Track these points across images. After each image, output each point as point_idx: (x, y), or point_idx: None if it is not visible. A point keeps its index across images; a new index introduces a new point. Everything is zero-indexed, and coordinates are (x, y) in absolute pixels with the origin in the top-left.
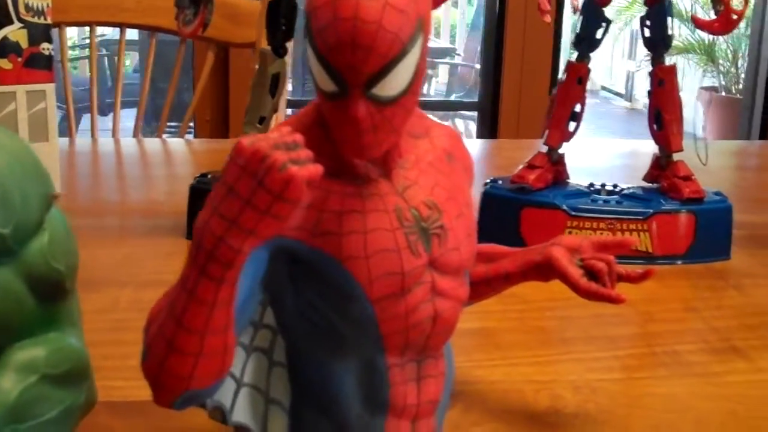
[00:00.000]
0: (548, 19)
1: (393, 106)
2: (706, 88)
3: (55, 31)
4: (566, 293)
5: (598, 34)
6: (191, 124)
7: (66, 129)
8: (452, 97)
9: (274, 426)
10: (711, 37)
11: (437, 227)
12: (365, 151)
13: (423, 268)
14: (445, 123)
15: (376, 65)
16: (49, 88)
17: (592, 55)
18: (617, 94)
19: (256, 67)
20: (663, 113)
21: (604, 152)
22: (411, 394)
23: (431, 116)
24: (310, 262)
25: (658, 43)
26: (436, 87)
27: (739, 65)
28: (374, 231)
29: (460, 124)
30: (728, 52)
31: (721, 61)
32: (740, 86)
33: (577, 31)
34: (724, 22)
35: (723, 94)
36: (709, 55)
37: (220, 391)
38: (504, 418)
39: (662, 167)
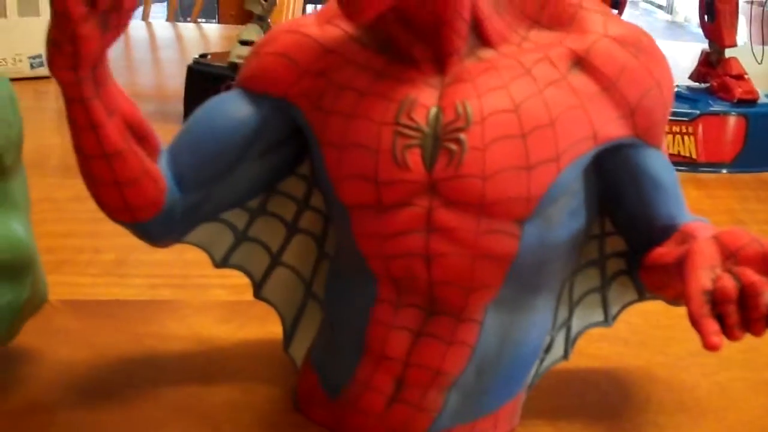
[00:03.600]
0: None
1: None
2: None
3: None
4: None
5: None
6: (214, 20)
7: None
8: None
9: (307, 322)
10: None
11: (453, 138)
12: (351, 7)
13: (414, 187)
14: None
15: None
16: None
17: None
18: (658, 6)
19: None
20: (716, 2)
21: None
22: (397, 344)
23: None
24: (307, 139)
25: None
26: None
27: None
28: (360, 119)
29: None
30: None
31: None
32: None
33: None
34: None
35: None
36: None
37: (248, 257)
38: None
39: (712, 64)
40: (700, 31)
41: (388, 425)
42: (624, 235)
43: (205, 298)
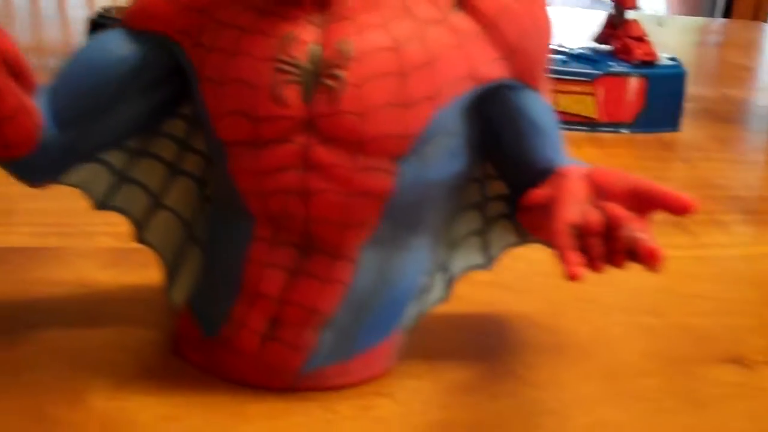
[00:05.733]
0: None
1: None
2: None
3: None
4: None
5: None
6: None
7: None
8: None
9: (189, 265)
10: None
11: (331, 75)
12: None
13: (291, 123)
14: None
15: None
16: None
17: None
18: None
19: None
20: None
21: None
22: (271, 282)
23: None
24: (188, 78)
25: None
26: None
27: None
28: (241, 55)
29: None
30: None
31: None
32: None
33: None
34: None
35: None
36: None
37: (129, 199)
38: None
39: (615, 26)
40: None
41: (262, 364)
42: (504, 178)
43: (91, 245)
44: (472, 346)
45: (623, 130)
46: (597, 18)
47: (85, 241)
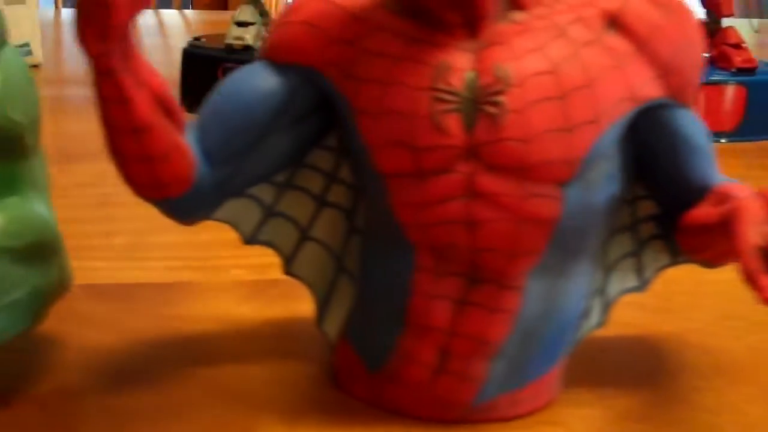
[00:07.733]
0: None
1: None
2: None
3: None
4: None
5: None
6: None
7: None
8: None
9: (339, 297)
10: None
11: (492, 102)
12: None
13: (454, 152)
14: None
15: None
16: None
17: None
18: None
19: None
20: None
21: None
22: (439, 314)
23: None
24: (338, 110)
25: None
26: None
27: None
28: (396, 84)
29: None
30: None
31: None
32: None
33: None
34: None
35: None
36: None
37: (277, 232)
38: None
39: (710, 34)
40: None
41: (432, 397)
42: (657, 198)
43: (225, 279)
44: (631, 370)
45: (724, 140)
46: None
47: (217, 274)
